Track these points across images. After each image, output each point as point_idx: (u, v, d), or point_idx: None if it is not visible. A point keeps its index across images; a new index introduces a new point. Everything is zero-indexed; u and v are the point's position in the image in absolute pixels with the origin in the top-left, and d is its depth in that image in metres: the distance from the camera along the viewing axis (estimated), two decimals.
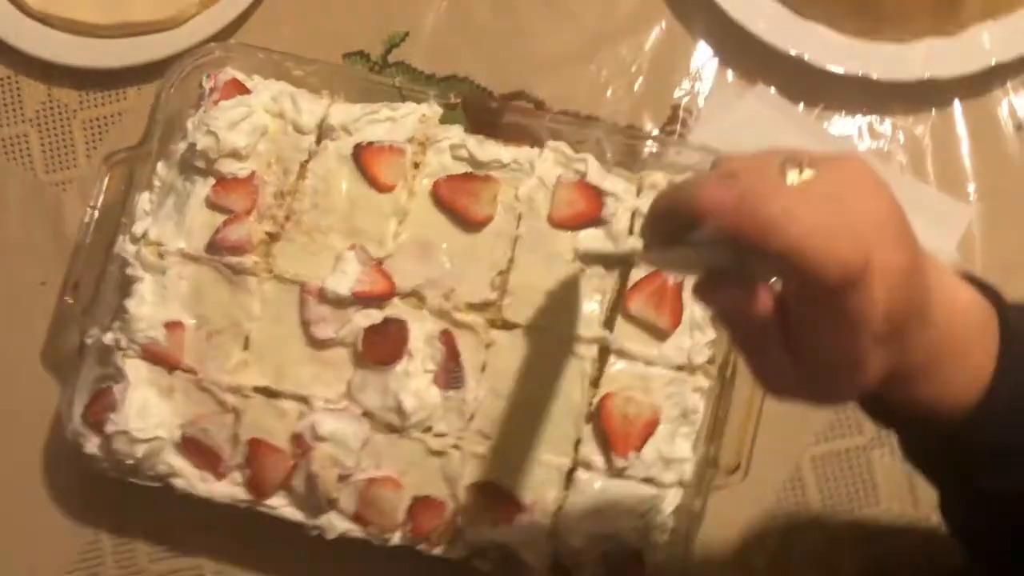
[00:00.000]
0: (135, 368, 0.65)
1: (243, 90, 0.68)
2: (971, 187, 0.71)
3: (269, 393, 0.64)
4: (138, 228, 0.67)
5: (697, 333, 0.63)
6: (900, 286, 0.34)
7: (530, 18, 0.77)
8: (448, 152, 0.66)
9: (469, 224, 0.65)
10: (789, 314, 0.35)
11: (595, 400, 0.62)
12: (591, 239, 0.64)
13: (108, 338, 0.66)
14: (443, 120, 0.68)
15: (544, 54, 0.76)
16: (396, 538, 0.63)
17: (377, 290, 0.63)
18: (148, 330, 0.65)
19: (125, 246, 0.67)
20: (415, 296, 0.64)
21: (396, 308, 0.64)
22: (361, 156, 0.65)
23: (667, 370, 0.63)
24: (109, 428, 0.63)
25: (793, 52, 0.70)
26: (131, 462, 0.64)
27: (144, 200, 0.69)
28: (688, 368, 0.63)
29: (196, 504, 0.65)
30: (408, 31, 0.78)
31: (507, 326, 0.64)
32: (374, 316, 0.63)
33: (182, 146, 0.68)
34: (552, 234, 0.64)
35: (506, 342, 0.63)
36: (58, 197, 0.78)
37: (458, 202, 0.65)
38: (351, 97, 0.69)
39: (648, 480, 0.62)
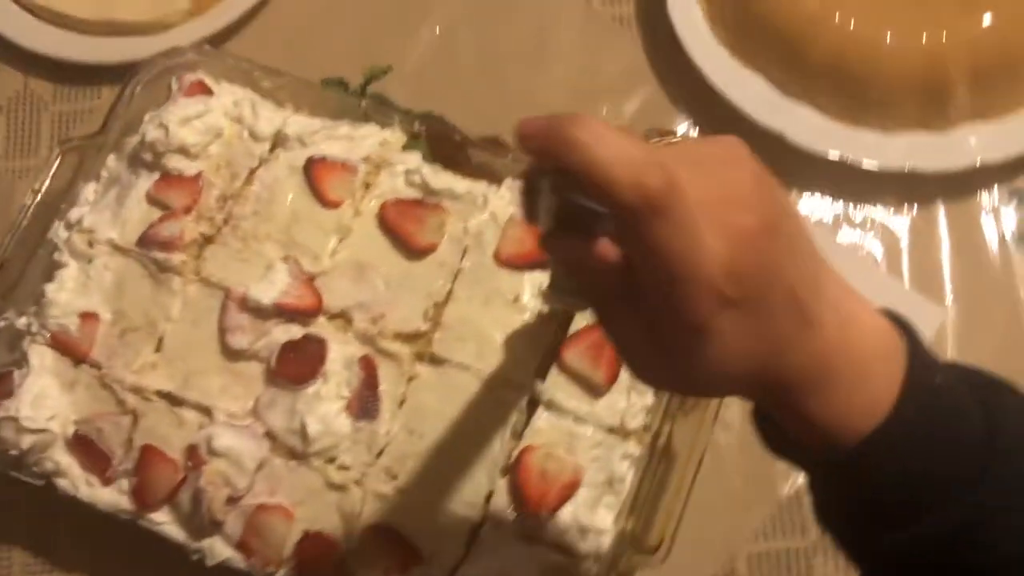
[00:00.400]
0: (40, 355, 0.61)
1: (207, 92, 0.67)
2: (947, 290, 0.68)
3: (172, 399, 0.60)
4: (74, 215, 0.65)
5: (634, 395, 0.59)
6: (747, 247, 0.32)
7: (514, 67, 0.76)
8: (402, 176, 0.64)
9: (411, 250, 0.62)
10: (634, 272, 0.33)
11: (515, 452, 0.58)
12: None
13: (21, 322, 0.63)
14: (405, 148, 0.66)
15: (523, 104, 0.75)
16: (280, 574, 0.57)
17: (303, 305, 0.60)
18: (61, 317, 0.61)
19: (58, 231, 0.65)
20: (342, 318, 0.61)
21: (320, 327, 0.60)
22: (312, 169, 0.63)
23: (597, 430, 0.58)
24: None
25: (774, 128, 0.68)
26: (15, 453, 0.60)
27: (89, 190, 0.66)
28: (620, 432, 0.58)
29: (81, 515, 0.61)
30: (391, 66, 0.77)
31: (434, 361, 0.60)
32: (295, 332, 0.60)
33: (135, 140, 0.66)
34: (496, 272, 0.61)
35: (430, 378, 0.59)
36: (12, 183, 0.76)
37: (403, 227, 0.62)
38: (316, 115, 0.67)
39: (561, 547, 0.57)
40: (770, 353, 0.34)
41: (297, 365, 0.59)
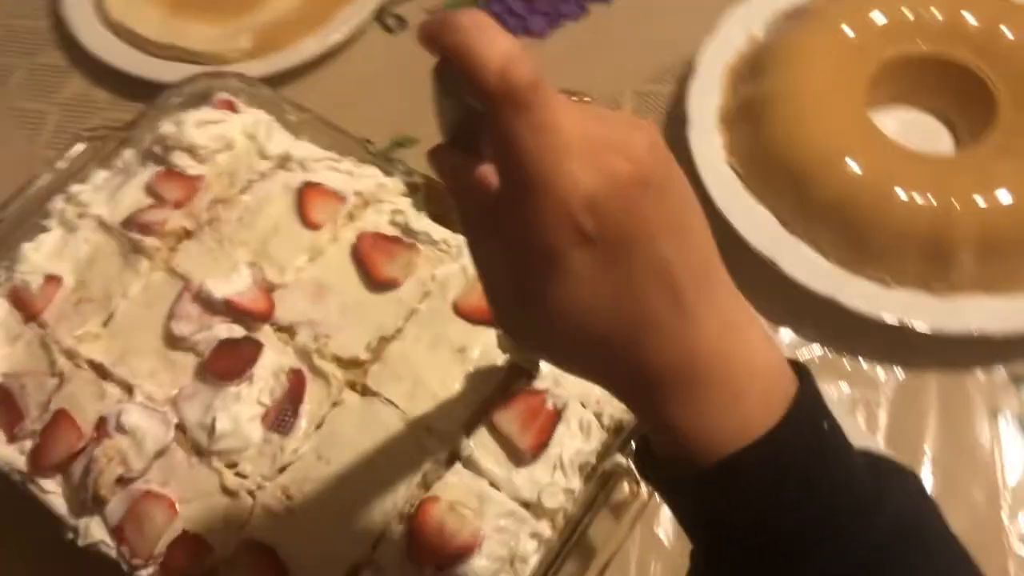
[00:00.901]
0: None
1: (233, 110, 0.70)
2: (926, 460, 0.63)
3: (101, 372, 0.59)
4: (75, 190, 0.67)
5: (559, 474, 0.55)
6: (615, 189, 0.31)
7: None
8: (387, 215, 0.65)
9: (373, 281, 0.61)
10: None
11: (418, 501, 0.54)
12: None
13: None
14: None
15: None
16: (146, 572, 0.54)
17: (254, 308, 0.60)
18: (27, 274, 0.63)
19: (56, 202, 0.67)
20: (288, 332, 0.60)
21: (264, 335, 0.60)
22: (304, 191, 0.65)
23: (510, 500, 0.54)
24: None
25: (768, 257, 0.67)
26: None
27: (100, 176, 0.69)
28: (535, 508, 0.54)
29: None
30: (420, 140, 0.80)
31: (365, 392, 0.58)
32: (236, 333, 0.59)
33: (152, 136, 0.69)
34: (450, 320, 0.60)
35: (356, 407, 0.57)
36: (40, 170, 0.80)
37: (371, 256, 0.62)
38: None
39: None
40: (633, 326, 0.32)
41: (227, 361, 0.58)
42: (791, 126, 0.70)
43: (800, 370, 0.34)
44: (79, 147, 0.70)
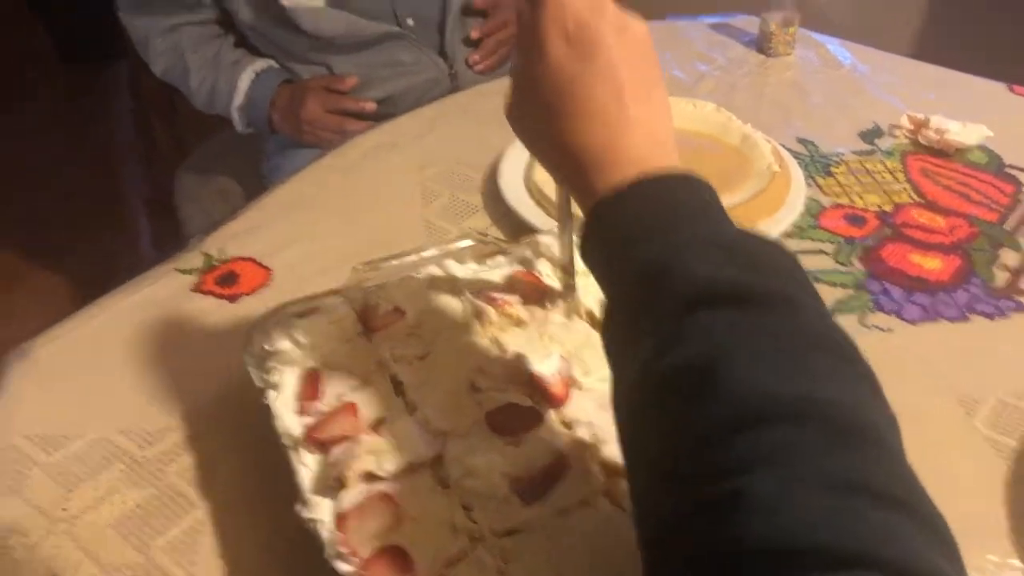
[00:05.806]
0: (344, 312, 0.70)
1: None
2: None
3: (399, 388, 0.64)
4: (447, 262, 0.75)
5: None
6: (597, 19, 0.48)
7: None
8: None
9: None
10: None
11: None
12: None
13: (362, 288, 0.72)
14: None
15: None
16: (344, 565, 0.53)
17: (552, 391, 0.61)
18: (383, 300, 0.70)
19: (429, 266, 0.75)
20: (568, 426, 0.60)
21: (548, 418, 0.60)
22: None
23: None
24: None
25: None
26: (264, 349, 0.67)
27: (471, 265, 0.76)
28: None
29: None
30: None
31: (617, 506, 0.55)
32: (525, 403, 0.61)
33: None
34: None
35: (603, 514, 0.55)
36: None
37: None
38: None
39: None
40: (584, 110, 0.48)
41: (508, 419, 0.59)
42: None
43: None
44: (467, 242, 0.79)
